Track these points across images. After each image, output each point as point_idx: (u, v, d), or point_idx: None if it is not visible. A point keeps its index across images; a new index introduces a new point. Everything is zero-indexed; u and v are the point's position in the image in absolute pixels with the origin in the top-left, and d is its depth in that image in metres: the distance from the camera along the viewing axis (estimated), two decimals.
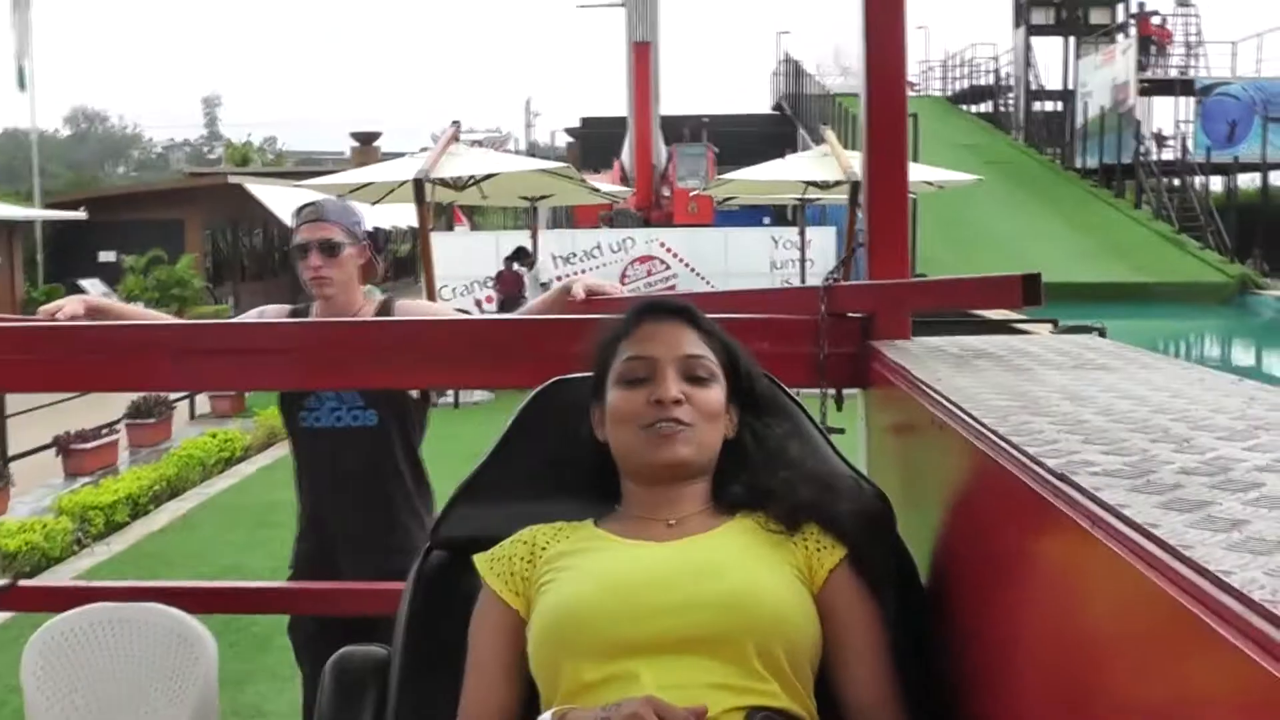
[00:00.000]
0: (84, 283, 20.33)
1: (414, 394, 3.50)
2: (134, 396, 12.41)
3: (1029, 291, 2.24)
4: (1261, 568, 0.89)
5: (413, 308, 3.58)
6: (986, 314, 12.64)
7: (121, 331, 2.91)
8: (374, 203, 15.77)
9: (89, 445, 11.22)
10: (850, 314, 2.62)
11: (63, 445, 11.07)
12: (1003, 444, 1.42)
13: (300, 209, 3.62)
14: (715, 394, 1.89)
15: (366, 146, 35.42)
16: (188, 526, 9.23)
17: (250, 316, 3.55)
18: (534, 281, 16.49)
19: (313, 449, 3.48)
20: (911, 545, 1.92)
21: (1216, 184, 31.94)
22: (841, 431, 2.48)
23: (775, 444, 1.93)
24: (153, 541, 8.78)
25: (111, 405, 11.98)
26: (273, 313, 3.57)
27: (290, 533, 3.60)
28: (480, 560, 1.88)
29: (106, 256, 27.71)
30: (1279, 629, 0.79)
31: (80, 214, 27.27)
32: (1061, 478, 1.20)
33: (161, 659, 2.78)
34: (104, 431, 11.57)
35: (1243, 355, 21.09)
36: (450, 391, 14.73)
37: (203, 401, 14.77)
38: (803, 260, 17.67)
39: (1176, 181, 30.73)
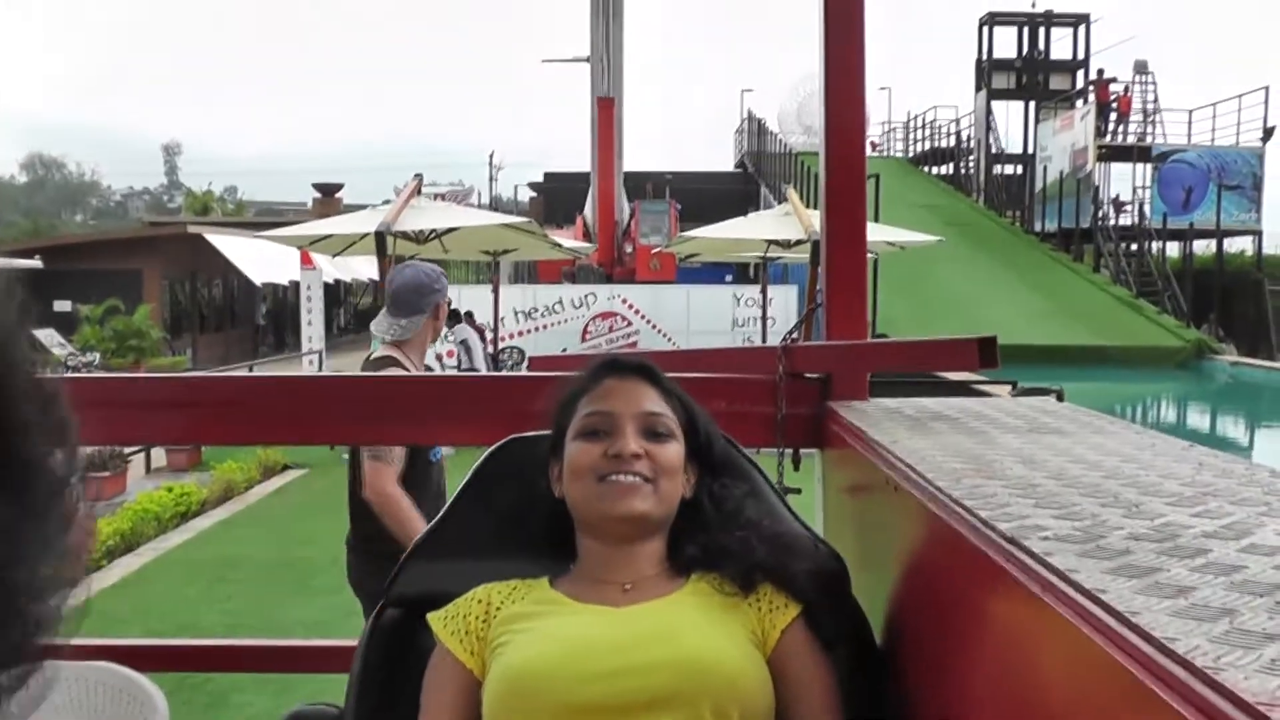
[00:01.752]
0: (38, 333, 20.14)
1: None
2: (89, 449, 12.30)
3: (985, 354, 2.26)
4: (1205, 635, 0.90)
5: None
6: (946, 375, 12.73)
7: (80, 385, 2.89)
8: (335, 254, 15.81)
9: None
10: (808, 374, 2.64)
11: None
12: (956, 507, 1.43)
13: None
14: (674, 450, 1.89)
15: (328, 198, 35.46)
16: (142, 581, 9.12)
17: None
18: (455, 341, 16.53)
19: (429, 477, 4.16)
20: (866, 605, 1.93)
21: (1173, 249, 32.31)
22: (798, 491, 2.49)
23: (733, 505, 1.93)
24: (106, 597, 8.66)
25: None
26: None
27: (247, 587, 3.59)
28: (435, 619, 1.87)
29: (62, 306, 27.39)
30: (1221, 696, 0.80)
31: (35, 262, 27.07)
32: (1013, 541, 1.22)
33: (111, 718, 2.74)
34: None
35: (1198, 419, 21.27)
36: None
37: (159, 455, 14.63)
38: (764, 318, 17.76)
39: (1134, 246, 31.09)
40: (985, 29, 37.94)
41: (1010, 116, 40.72)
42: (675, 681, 1.67)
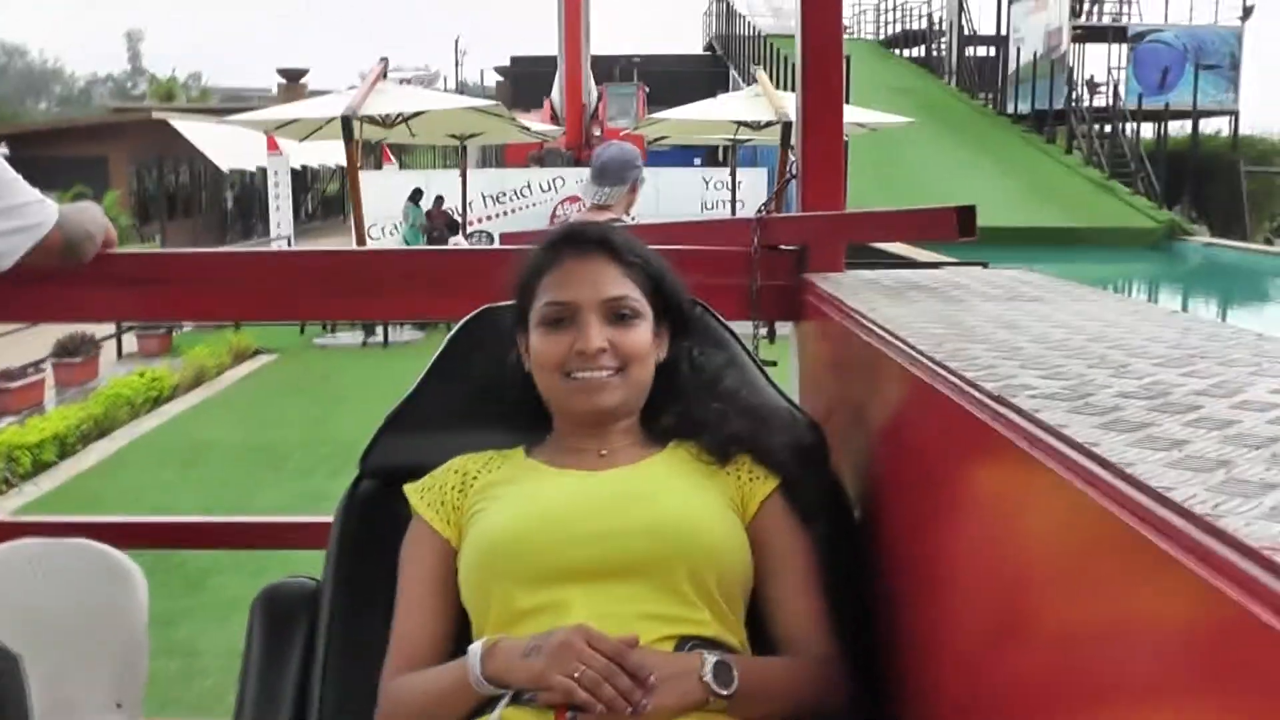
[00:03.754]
0: None
1: None
2: (60, 335, 12.23)
3: (963, 223, 2.23)
4: (1202, 484, 0.88)
5: None
6: (917, 257, 12.73)
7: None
8: (302, 139, 15.62)
9: (14, 384, 11.02)
10: (784, 246, 2.60)
11: None
12: (939, 369, 1.40)
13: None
14: (641, 333, 1.84)
15: (293, 83, 35.02)
16: (117, 465, 9.12)
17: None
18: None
19: None
20: (844, 476, 1.92)
21: (1147, 131, 32.20)
22: (773, 364, 2.47)
23: (710, 374, 1.91)
24: (81, 481, 8.67)
25: (36, 343, 11.80)
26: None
27: (220, 471, 3.57)
28: (411, 490, 1.85)
29: None
30: (1220, 542, 0.78)
31: (1, 148, 26.72)
32: (999, 400, 1.19)
33: (89, 595, 2.72)
34: (29, 370, 11.38)
35: (1169, 300, 21.36)
36: (379, 330, 14.66)
37: (130, 341, 14.57)
38: (734, 201, 17.68)
39: (1108, 128, 30.98)
40: None
41: None
42: (652, 546, 1.65)
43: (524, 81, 34.99)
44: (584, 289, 1.83)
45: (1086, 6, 33.19)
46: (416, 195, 17.61)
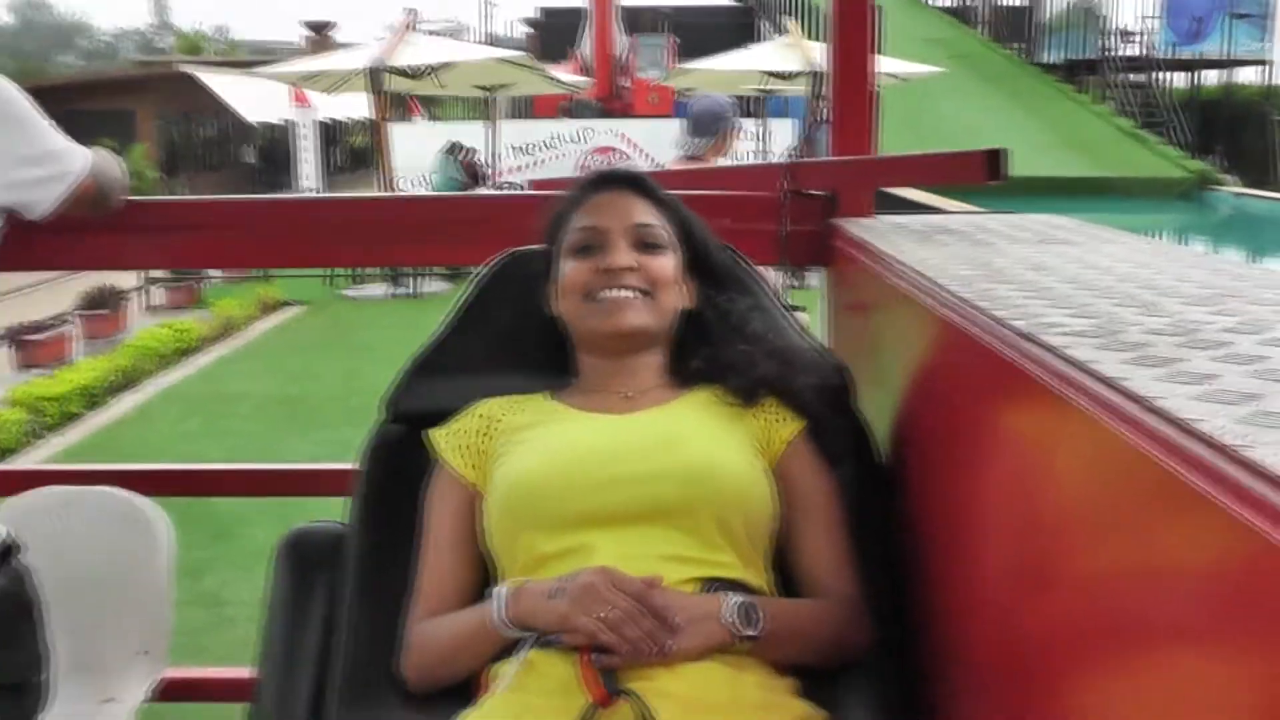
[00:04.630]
0: None
1: None
2: (86, 287, 12.27)
3: (991, 166, 2.21)
4: (1231, 416, 0.87)
5: None
6: (946, 207, 12.65)
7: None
8: (328, 92, 15.60)
9: (41, 336, 11.06)
10: (812, 192, 2.59)
11: (14, 337, 10.91)
12: (967, 309, 1.39)
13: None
14: (667, 262, 1.85)
15: (320, 35, 34.88)
16: (144, 418, 9.15)
17: None
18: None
19: None
20: (872, 419, 1.91)
21: (1180, 80, 31.85)
22: (802, 309, 2.46)
23: (737, 318, 1.90)
24: (109, 432, 8.70)
25: (64, 296, 11.85)
26: None
27: (247, 423, 3.57)
28: (435, 435, 1.86)
29: None
30: (1249, 473, 0.77)
31: None
32: (1028, 338, 1.18)
33: (115, 543, 2.73)
34: (57, 323, 11.43)
35: (1199, 249, 21.16)
36: (409, 282, 14.67)
37: (157, 293, 14.61)
38: (763, 151, 17.56)
39: (1140, 78, 30.64)
40: None
41: None
42: (678, 490, 1.65)
43: (553, 33, 34.76)
44: (613, 216, 1.85)
45: None
46: (454, 149, 17.54)
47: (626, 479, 1.66)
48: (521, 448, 1.76)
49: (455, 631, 1.69)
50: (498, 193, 11.95)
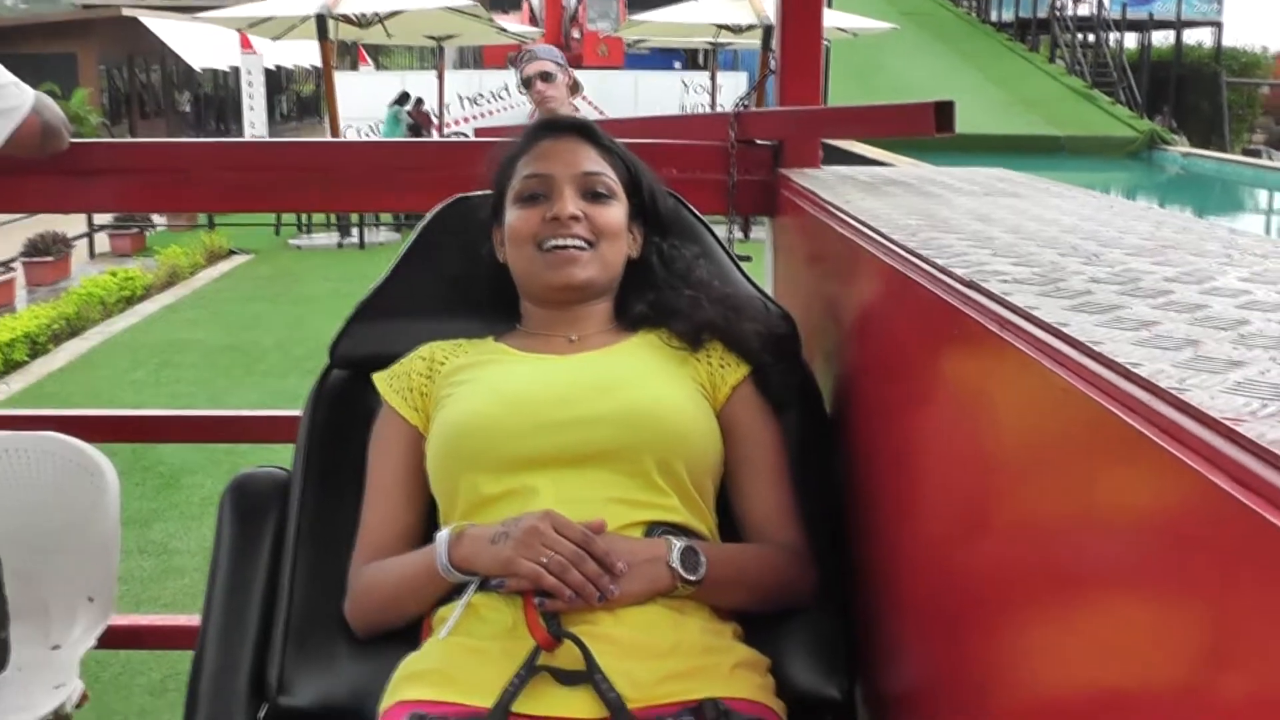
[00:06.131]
0: None
1: None
2: (31, 234, 12.12)
3: (941, 119, 2.21)
4: (1169, 361, 0.88)
5: None
6: (896, 163, 12.65)
7: None
8: (275, 38, 15.40)
9: None
10: (761, 141, 2.59)
11: None
12: (911, 257, 1.40)
13: (520, 55, 5.41)
14: (615, 211, 1.85)
15: None
16: (89, 365, 9.07)
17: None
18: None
19: None
20: (817, 369, 1.91)
21: (1130, 41, 32.00)
22: (748, 259, 2.46)
23: (683, 265, 1.90)
24: (53, 380, 8.62)
25: (6, 243, 11.69)
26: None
27: (194, 371, 3.54)
28: (379, 378, 1.85)
29: None
30: (1185, 415, 0.78)
31: None
32: (970, 285, 1.19)
33: (59, 489, 2.70)
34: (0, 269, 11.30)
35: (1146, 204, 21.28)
36: (355, 232, 14.57)
37: (102, 240, 14.44)
38: (713, 104, 17.52)
39: (1091, 37, 30.75)
40: None
41: None
42: (621, 433, 1.65)
43: None
44: (560, 164, 1.84)
45: None
46: (403, 99, 17.41)
47: (569, 421, 1.66)
48: (464, 389, 1.75)
49: (399, 576, 1.69)
50: (444, 139, 11.84)
